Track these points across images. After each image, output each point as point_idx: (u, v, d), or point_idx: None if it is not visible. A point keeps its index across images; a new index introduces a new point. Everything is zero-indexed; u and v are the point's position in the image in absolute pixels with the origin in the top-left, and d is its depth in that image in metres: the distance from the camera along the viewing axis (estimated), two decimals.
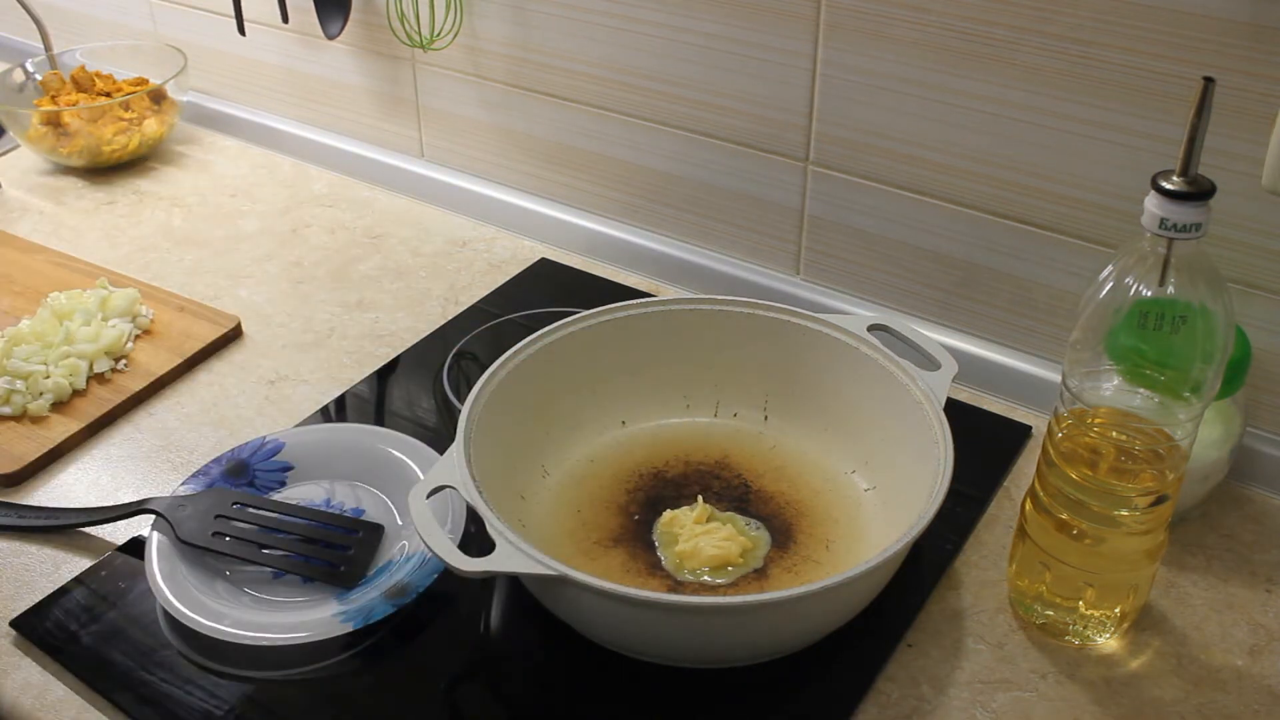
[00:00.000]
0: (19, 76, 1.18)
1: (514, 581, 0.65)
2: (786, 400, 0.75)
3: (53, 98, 1.16)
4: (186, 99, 1.19)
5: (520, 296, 0.94)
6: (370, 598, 0.64)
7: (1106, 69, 0.68)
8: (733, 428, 0.76)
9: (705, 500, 0.69)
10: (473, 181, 1.05)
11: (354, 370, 0.86)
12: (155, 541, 0.67)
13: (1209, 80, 0.50)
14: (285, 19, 1.05)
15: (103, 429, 0.81)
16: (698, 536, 0.66)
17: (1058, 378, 0.79)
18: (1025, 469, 0.75)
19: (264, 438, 0.75)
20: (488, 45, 0.97)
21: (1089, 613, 0.61)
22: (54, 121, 1.11)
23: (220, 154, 1.19)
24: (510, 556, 0.55)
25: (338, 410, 0.82)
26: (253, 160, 1.17)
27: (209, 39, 1.19)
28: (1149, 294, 0.54)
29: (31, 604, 0.66)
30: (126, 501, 0.71)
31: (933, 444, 0.63)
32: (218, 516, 0.68)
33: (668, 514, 0.69)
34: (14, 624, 0.65)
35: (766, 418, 0.76)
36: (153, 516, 0.69)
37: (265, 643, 0.61)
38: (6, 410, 0.79)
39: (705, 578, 0.65)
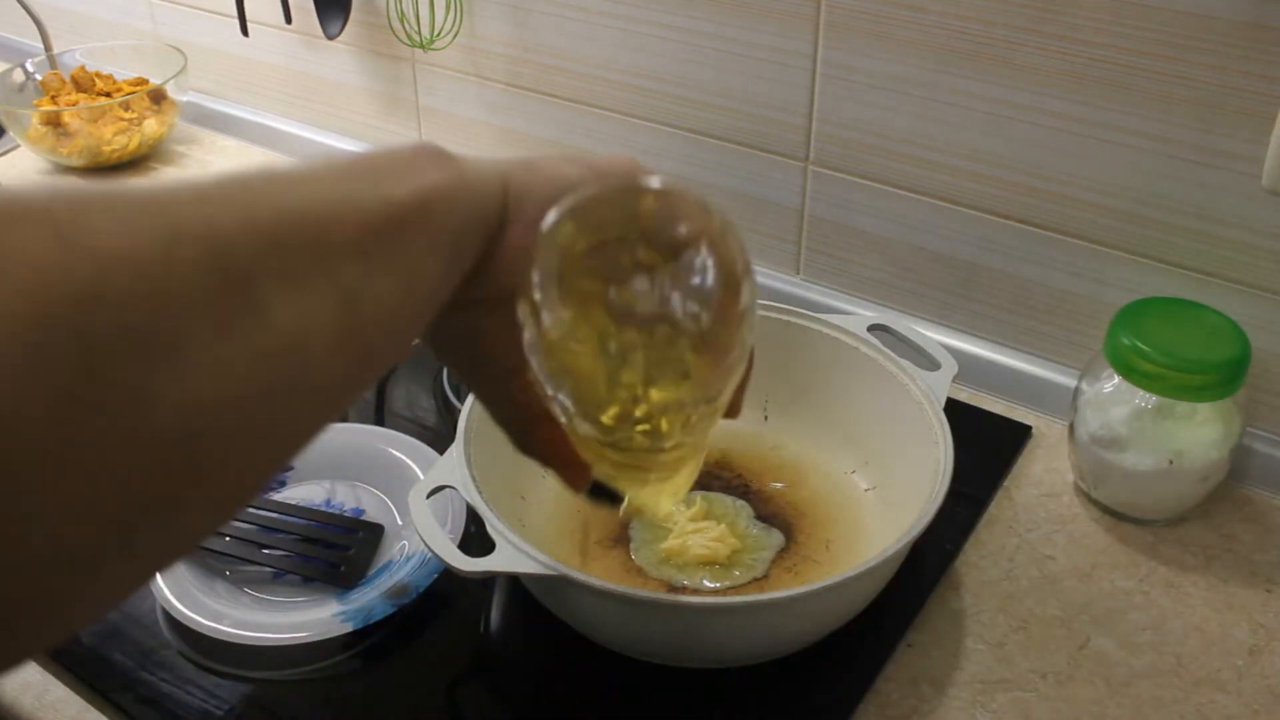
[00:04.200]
0: (19, 76, 1.18)
1: (514, 581, 0.65)
2: (786, 400, 0.75)
3: (53, 98, 1.16)
4: (186, 99, 1.19)
5: None
6: (370, 598, 0.64)
7: (1106, 69, 0.68)
8: (733, 428, 0.75)
9: (703, 502, 0.69)
10: None
11: None
12: None
13: None
14: (288, 20, 1.05)
15: None
16: (688, 534, 0.66)
17: (1058, 378, 0.79)
18: (1025, 469, 0.75)
19: None
20: (488, 45, 0.97)
21: None
22: (54, 121, 1.10)
23: (220, 154, 1.19)
24: (510, 556, 0.55)
25: None
26: (253, 160, 1.17)
27: (209, 39, 1.19)
28: None
29: None
30: None
31: (933, 444, 0.63)
32: None
33: None
34: None
35: (766, 418, 0.75)
36: None
37: (265, 643, 0.61)
38: None
39: (704, 581, 0.65)
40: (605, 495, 0.46)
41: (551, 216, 0.35)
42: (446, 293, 0.36)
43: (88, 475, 0.24)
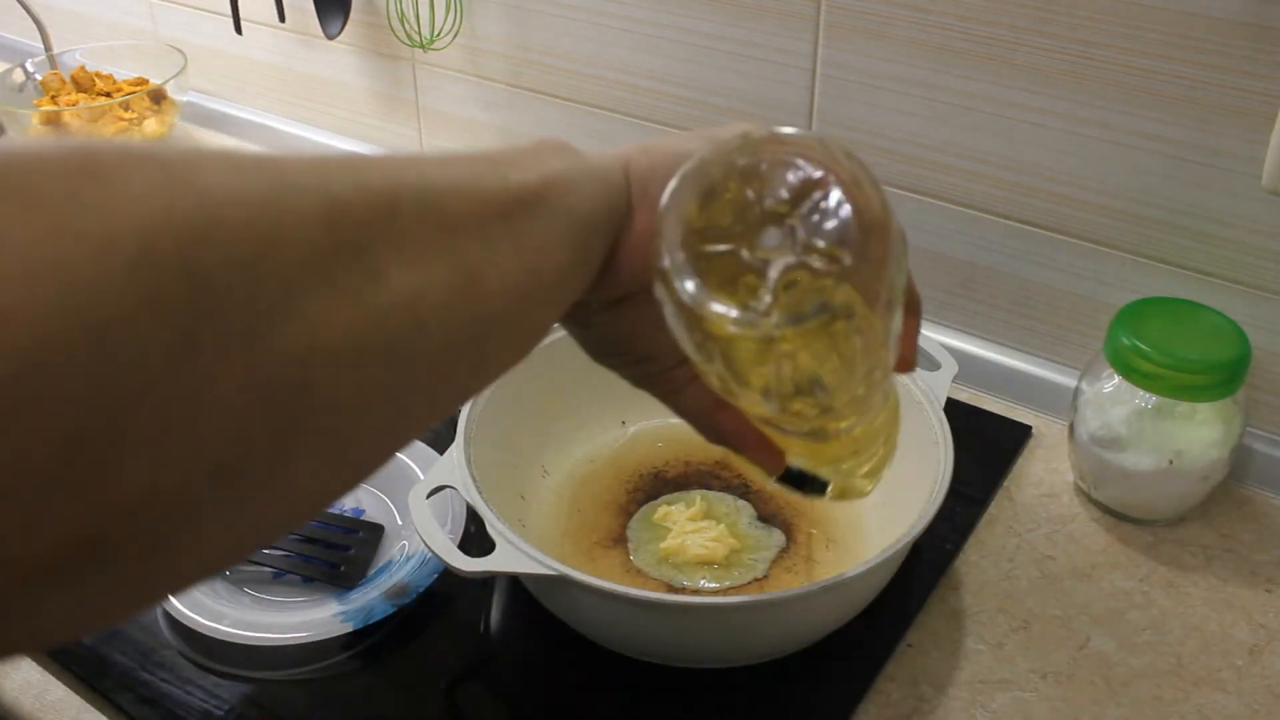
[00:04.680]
0: (19, 76, 1.18)
1: (514, 581, 0.65)
2: None
3: (53, 98, 1.16)
4: (186, 99, 1.19)
5: None
6: (370, 598, 0.64)
7: (1107, 69, 0.68)
8: None
9: (703, 502, 0.69)
10: None
11: None
12: None
13: None
14: (282, 18, 1.05)
15: None
16: (687, 534, 0.66)
17: (1058, 378, 0.79)
18: (1025, 469, 0.75)
19: None
20: (488, 45, 0.97)
21: None
22: (54, 122, 1.10)
23: None
24: (510, 556, 0.55)
25: None
26: None
27: (209, 39, 1.19)
28: None
29: None
30: None
31: (933, 444, 0.63)
32: None
33: (662, 510, 0.68)
34: None
35: None
36: None
37: (265, 643, 0.61)
38: None
39: (704, 581, 0.65)
40: (808, 483, 0.46)
41: (670, 186, 0.35)
42: (580, 282, 0.36)
43: (194, 415, 0.24)
